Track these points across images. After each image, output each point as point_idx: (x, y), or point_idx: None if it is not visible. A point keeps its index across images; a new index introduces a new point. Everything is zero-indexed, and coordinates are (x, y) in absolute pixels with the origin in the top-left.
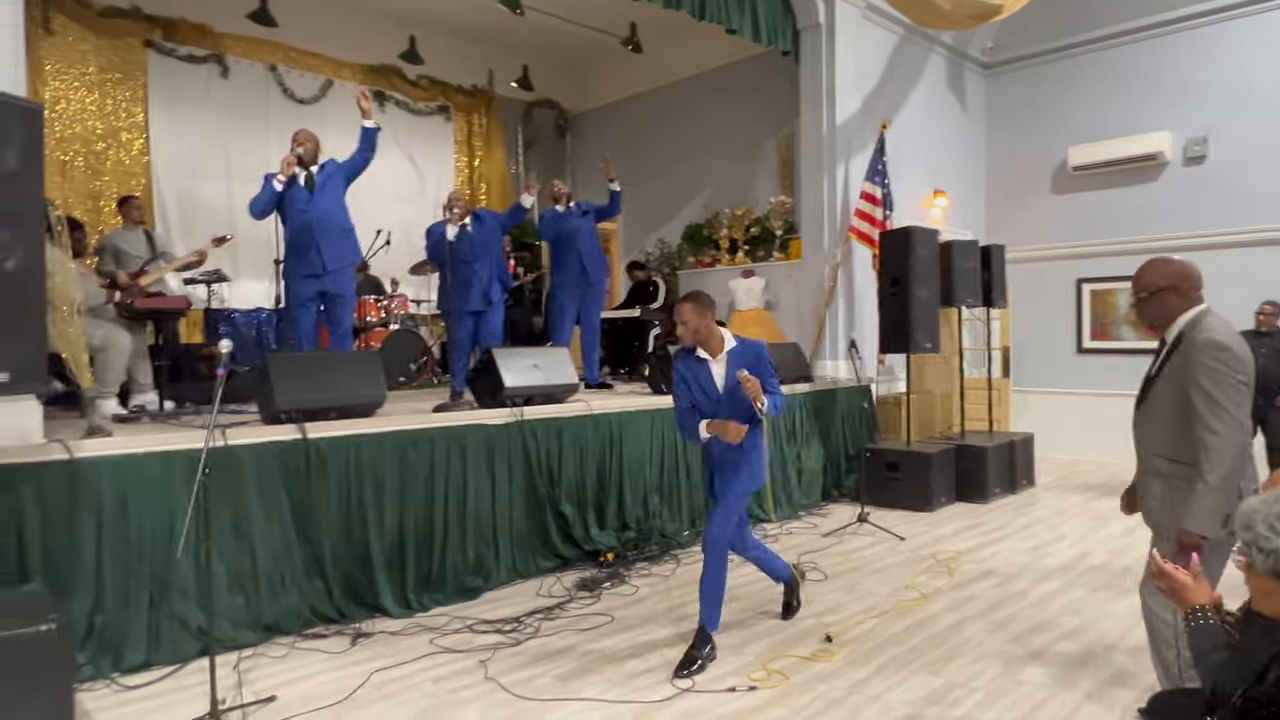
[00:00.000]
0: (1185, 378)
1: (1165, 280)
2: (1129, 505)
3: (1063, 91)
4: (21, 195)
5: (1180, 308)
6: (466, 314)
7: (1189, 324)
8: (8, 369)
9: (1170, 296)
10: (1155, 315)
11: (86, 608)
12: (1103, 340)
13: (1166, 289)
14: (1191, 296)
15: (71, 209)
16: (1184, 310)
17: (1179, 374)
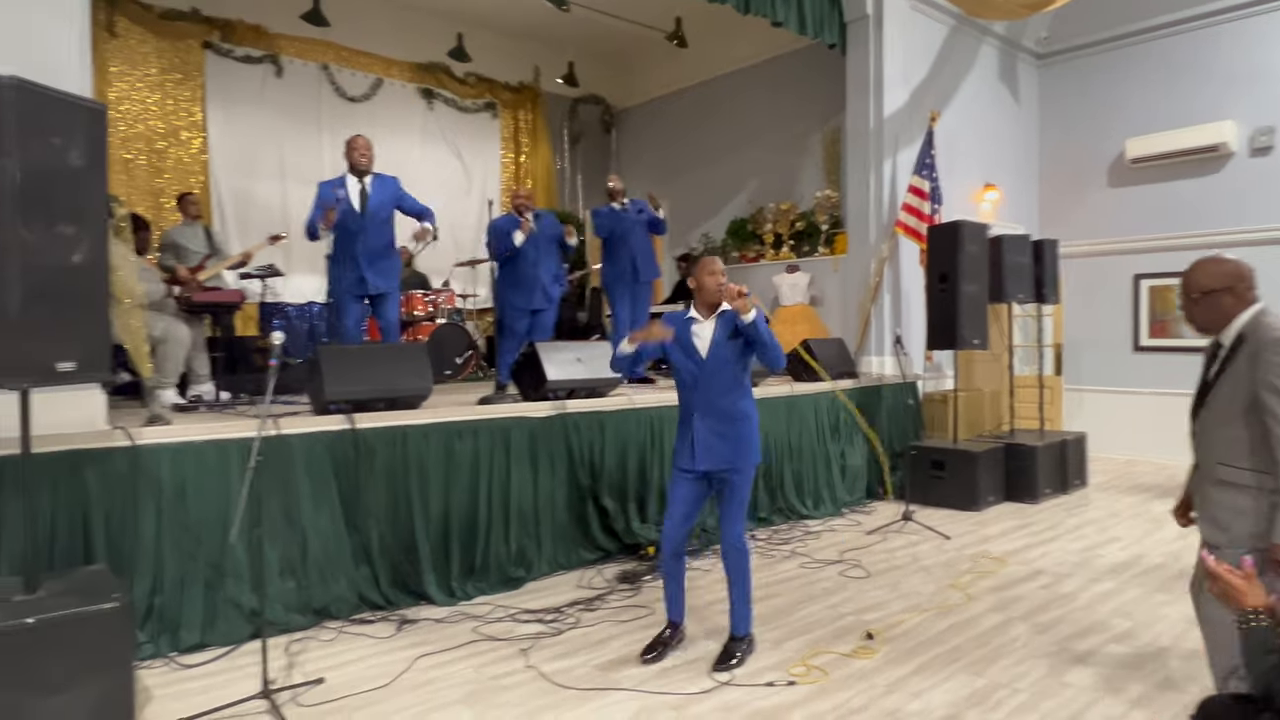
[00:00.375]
0: (1253, 380)
1: (1220, 281)
2: (1184, 517)
3: (1120, 81)
4: (87, 192)
5: (1236, 309)
6: (526, 311)
7: (1250, 324)
8: (74, 358)
9: (1225, 298)
10: (1209, 318)
11: (147, 589)
12: (1161, 338)
13: (1221, 290)
14: (1247, 297)
15: (134, 206)
16: (1240, 311)
17: (1244, 377)
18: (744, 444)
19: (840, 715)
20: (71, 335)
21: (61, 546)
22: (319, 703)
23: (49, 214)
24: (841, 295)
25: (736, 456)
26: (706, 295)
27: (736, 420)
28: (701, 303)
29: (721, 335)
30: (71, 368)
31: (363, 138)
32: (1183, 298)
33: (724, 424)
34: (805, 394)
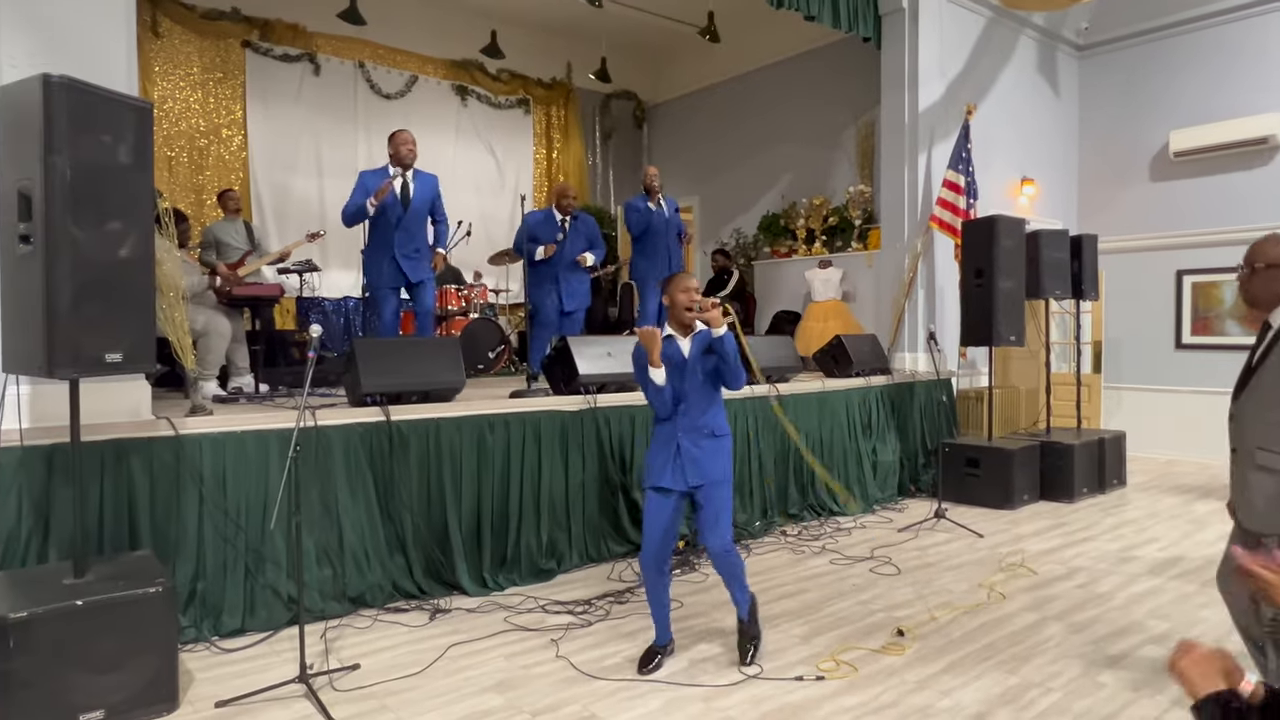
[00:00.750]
0: None
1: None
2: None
3: (1163, 73)
4: (133, 188)
5: None
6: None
7: None
8: (120, 350)
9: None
10: (1260, 293)
11: (189, 574)
12: (1204, 335)
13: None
14: None
15: (176, 202)
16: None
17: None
18: (725, 456)
19: (869, 711)
20: (119, 328)
21: (109, 532)
22: (354, 688)
23: (98, 211)
24: (875, 291)
25: (720, 469)
26: (678, 312)
27: (718, 435)
28: (674, 320)
29: (697, 352)
30: (119, 359)
31: (407, 132)
32: (1244, 267)
33: (706, 439)
34: (837, 390)
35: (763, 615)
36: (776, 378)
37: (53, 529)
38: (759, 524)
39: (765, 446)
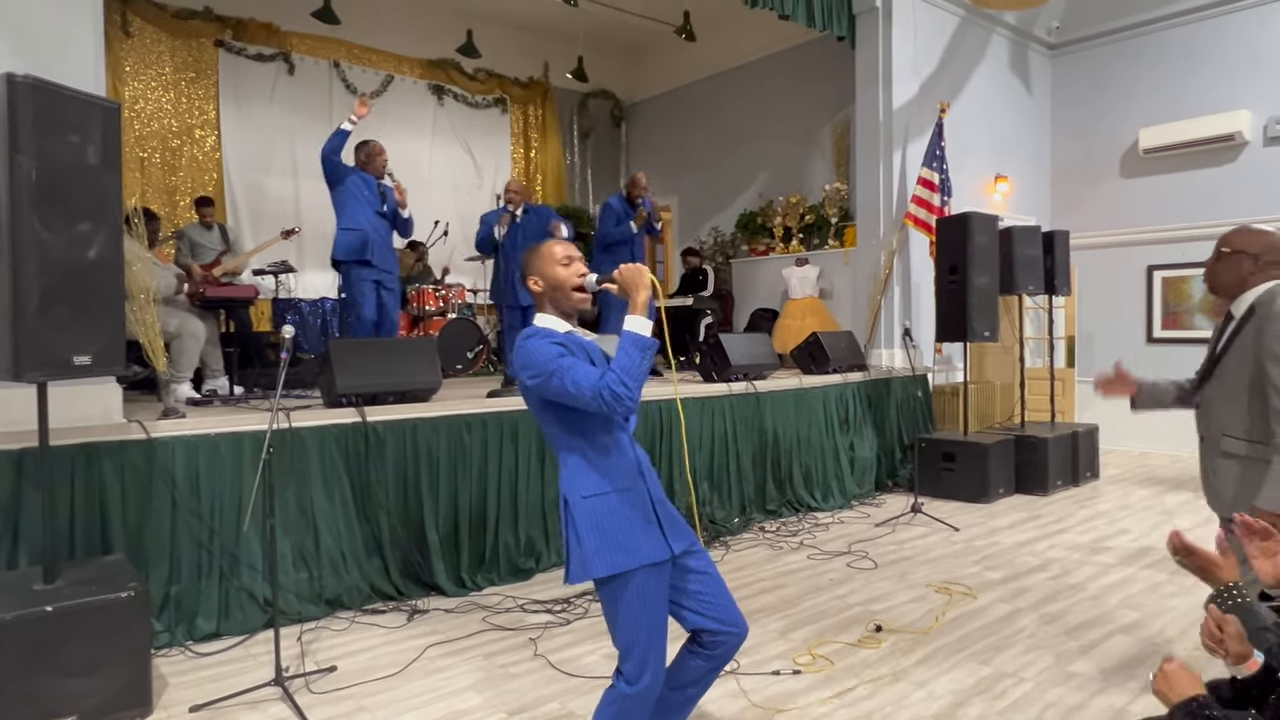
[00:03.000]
0: (1259, 352)
1: (1250, 245)
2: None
3: (1133, 71)
4: (101, 189)
5: (1253, 279)
6: (518, 307)
7: (1264, 297)
8: (90, 352)
9: (1246, 262)
10: (1225, 278)
11: (163, 578)
12: (1175, 329)
13: (1246, 254)
14: (1268, 270)
15: (149, 203)
16: (1257, 283)
17: (1251, 349)
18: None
19: (845, 704)
20: (88, 330)
21: (80, 537)
22: (331, 690)
23: (65, 211)
24: (851, 288)
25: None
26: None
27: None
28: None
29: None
30: (88, 362)
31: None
32: (1213, 252)
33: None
34: (814, 387)
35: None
36: (754, 375)
37: (22, 534)
38: (737, 521)
39: (743, 446)
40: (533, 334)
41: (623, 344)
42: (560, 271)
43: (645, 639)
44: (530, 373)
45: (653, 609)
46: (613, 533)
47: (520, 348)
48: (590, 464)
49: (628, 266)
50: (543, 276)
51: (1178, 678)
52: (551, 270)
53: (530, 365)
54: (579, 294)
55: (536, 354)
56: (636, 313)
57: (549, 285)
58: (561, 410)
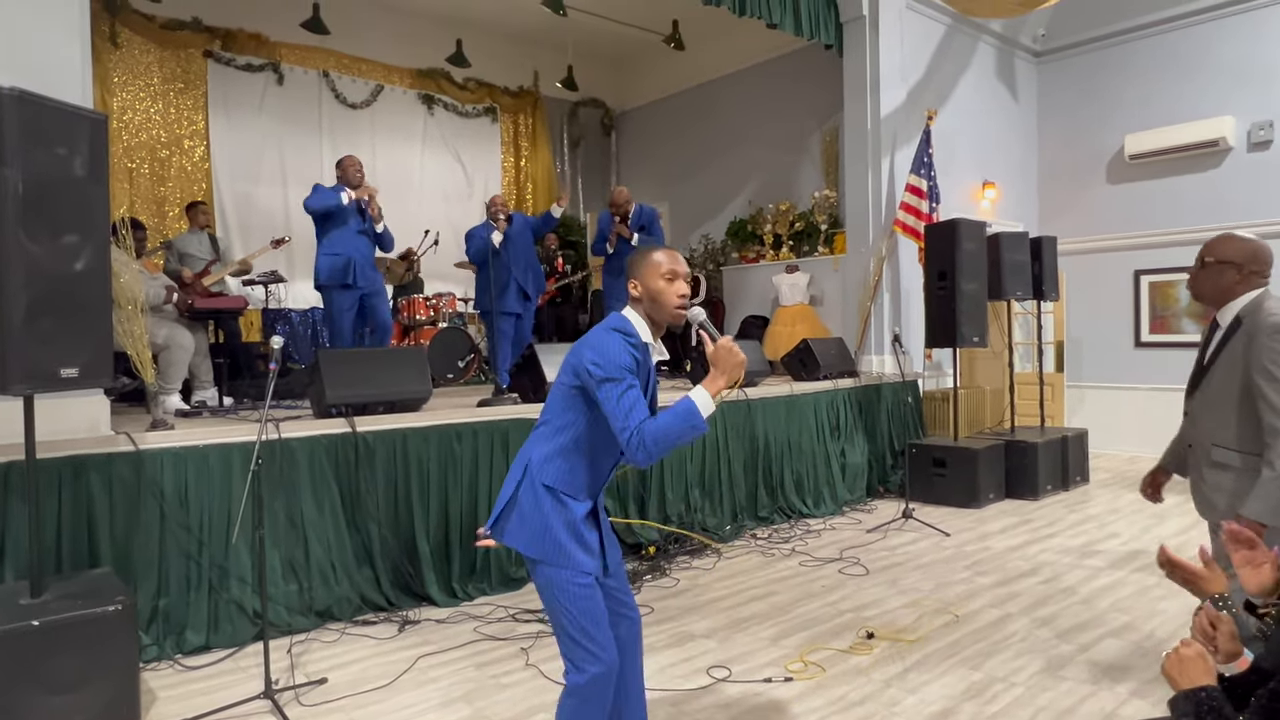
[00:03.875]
0: (1248, 364)
1: (1233, 255)
2: (1154, 490)
3: (1119, 78)
4: (88, 201)
5: (1238, 288)
6: (508, 315)
7: (1249, 308)
8: (77, 365)
9: (1230, 272)
10: (1209, 288)
11: (151, 591)
12: (1162, 333)
13: (1229, 264)
14: (1253, 280)
15: (138, 214)
16: (1242, 292)
17: (1240, 361)
18: None
19: (836, 710)
20: (75, 342)
21: (67, 550)
22: (321, 702)
23: (52, 223)
24: (841, 295)
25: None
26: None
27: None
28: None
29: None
30: (75, 374)
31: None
32: (1196, 261)
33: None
34: (805, 393)
35: (733, 618)
36: (745, 382)
37: (8, 548)
38: (729, 528)
39: (735, 453)
40: (620, 327)
41: (678, 410)
42: (661, 285)
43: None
44: (597, 363)
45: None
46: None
47: (602, 336)
48: (575, 461)
49: (726, 349)
50: (644, 284)
51: (1192, 664)
52: (654, 282)
53: (600, 358)
54: (677, 311)
55: (614, 353)
56: (709, 389)
57: (648, 294)
58: (591, 410)
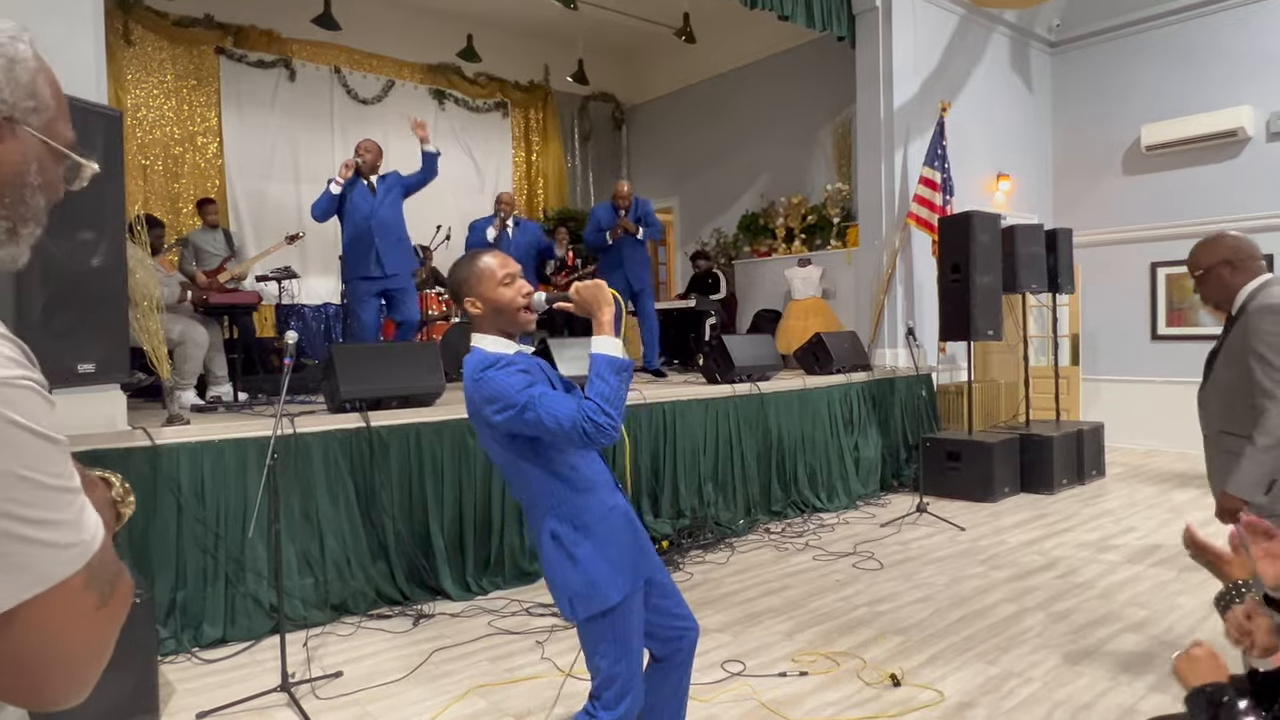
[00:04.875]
0: (1244, 347)
1: (1213, 257)
2: None
3: (1135, 68)
4: (104, 197)
5: (1239, 281)
6: None
7: (1251, 294)
8: (94, 360)
9: (1224, 271)
10: (1215, 293)
11: (169, 585)
12: (1179, 326)
13: (1218, 265)
14: (1249, 268)
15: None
16: (1244, 281)
17: (1239, 346)
18: None
19: (852, 705)
20: (91, 338)
21: None
22: (337, 695)
23: (68, 220)
24: (854, 288)
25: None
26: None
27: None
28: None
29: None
30: (92, 369)
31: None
32: (1190, 277)
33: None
34: (818, 387)
35: (747, 612)
36: (758, 376)
37: None
38: (742, 522)
39: (748, 447)
40: (488, 363)
41: (596, 368)
42: (503, 293)
43: (630, 663)
44: (497, 407)
45: (639, 631)
46: (613, 557)
47: (480, 381)
48: (567, 493)
49: (585, 284)
50: (481, 299)
51: (1202, 662)
52: (492, 292)
53: (497, 399)
54: (525, 314)
55: (502, 386)
56: (604, 332)
57: (490, 308)
58: (534, 445)
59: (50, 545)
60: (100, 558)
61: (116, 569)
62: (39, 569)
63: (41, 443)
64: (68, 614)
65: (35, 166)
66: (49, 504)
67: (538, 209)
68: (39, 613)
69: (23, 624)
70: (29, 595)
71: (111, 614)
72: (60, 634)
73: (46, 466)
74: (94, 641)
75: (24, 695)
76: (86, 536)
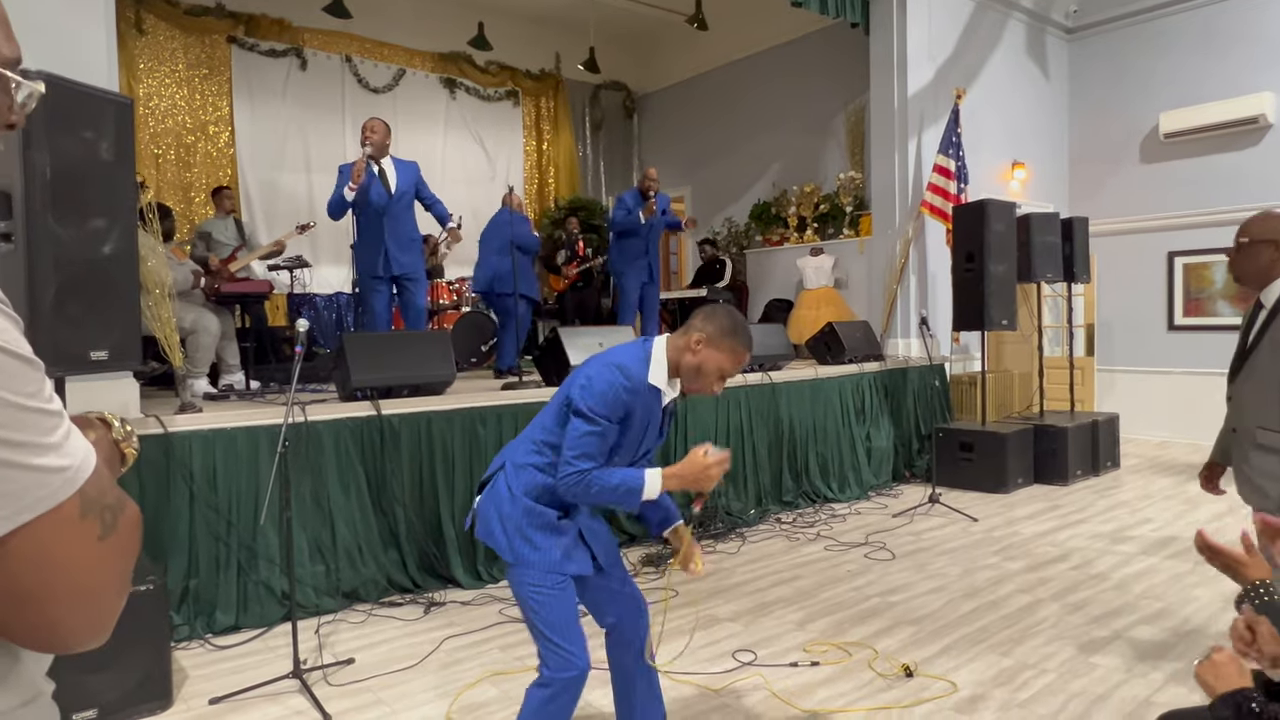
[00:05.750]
0: None
1: (1271, 233)
2: (1210, 484)
3: (1153, 55)
4: (115, 184)
5: (1278, 267)
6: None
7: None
8: (107, 348)
9: (1268, 251)
10: (1248, 268)
11: (181, 572)
12: (1196, 316)
13: (1268, 242)
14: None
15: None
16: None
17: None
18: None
19: (864, 695)
20: (104, 325)
21: None
22: (349, 682)
23: (80, 207)
24: (867, 277)
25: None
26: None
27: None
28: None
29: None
30: (104, 357)
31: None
32: (1234, 241)
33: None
34: (830, 377)
35: (758, 602)
36: (769, 366)
37: None
38: (753, 512)
39: (759, 437)
40: (626, 371)
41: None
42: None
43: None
44: (585, 388)
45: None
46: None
47: (602, 370)
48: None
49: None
50: (708, 356)
51: (1226, 668)
52: (718, 364)
53: (588, 389)
54: (694, 391)
55: (602, 391)
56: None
57: (700, 365)
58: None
59: (34, 469)
60: (95, 485)
61: (118, 499)
62: (27, 495)
63: (8, 359)
64: (67, 543)
65: None
66: (25, 425)
67: (549, 198)
68: (34, 541)
69: (18, 552)
70: (20, 522)
71: (118, 546)
72: (63, 564)
73: (17, 385)
74: (101, 574)
75: (39, 634)
76: (74, 462)
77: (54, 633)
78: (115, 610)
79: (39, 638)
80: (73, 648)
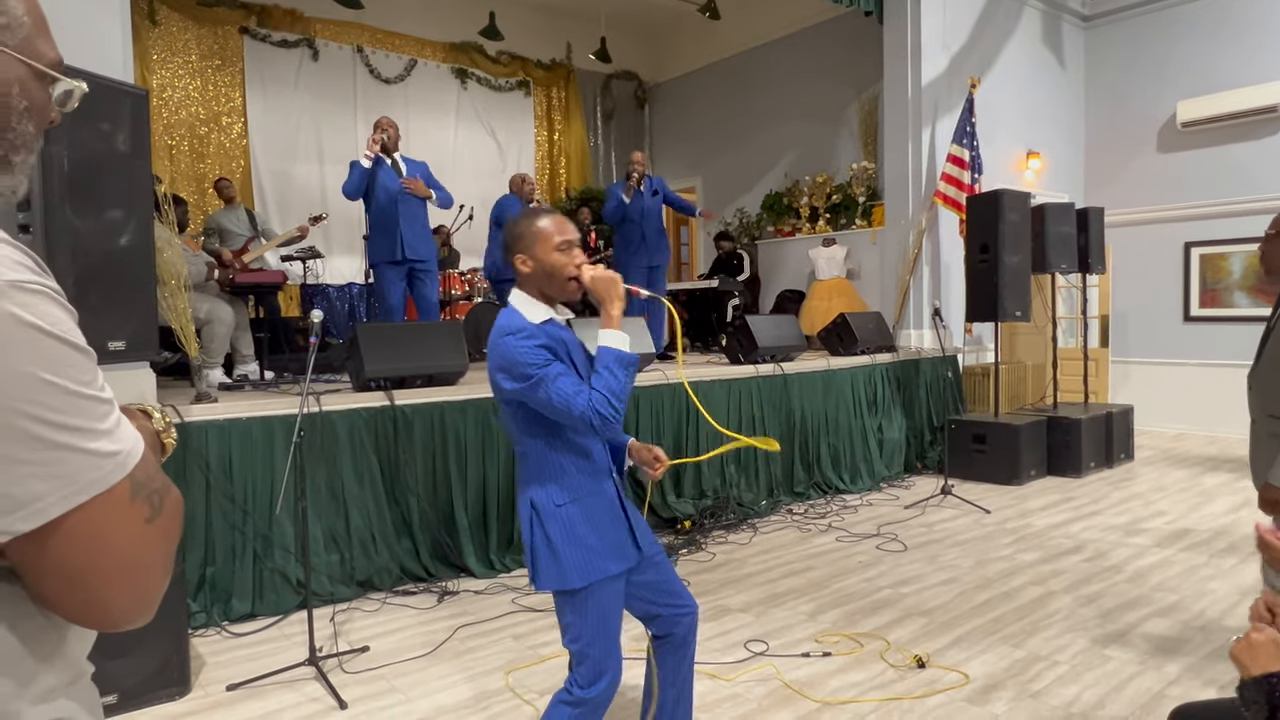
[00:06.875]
0: None
1: None
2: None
3: (1171, 43)
4: (131, 176)
5: None
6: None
7: None
8: (123, 337)
9: None
10: (1277, 260)
11: (198, 560)
12: (1213, 307)
13: None
14: None
15: (178, 190)
16: None
17: None
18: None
19: (875, 685)
20: (121, 315)
21: None
22: (363, 669)
23: (97, 199)
24: (879, 268)
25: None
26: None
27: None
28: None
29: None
30: (122, 347)
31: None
32: (1267, 231)
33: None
34: (842, 368)
35: (770, 593)
36: (781, 357)
37: None
38: (765, 503)
39: (771, 428)
40: (513, 329)
41: (603, 361)
42: (557, 257)
43: (604, 644)
44: (509, 376)
45: (614, 615)
46: (587, 541)
47: (500, 345)
48: (561, 467)
49: (601, 275)
50: (533, 258)
51: (1263, 649)
52: (546, 254)
53: (511, 369)
54: (573, 284)
55: (520, 356)
56: (612, 326)
57: (540, 270)
58: (540, 416)
59: (89, 453)
60: (144, 470)
61: (164, 483)
62: (81, 477)
63: (64, 348)
64: (118, 525)
65: (17, 89)
66: (80, 411)
67: (560, 189)
68: (88, 522)
69: (72, 533)
70: (75, 503)
71: (164, 529)
72: (114, 545)
73: (73, 374)
74: (148, 554)
75: (89, 611)
76: (125, 447)
77: (104, 610)
78: (160, 589)
79: (89, 614)
80: (120, 625)
